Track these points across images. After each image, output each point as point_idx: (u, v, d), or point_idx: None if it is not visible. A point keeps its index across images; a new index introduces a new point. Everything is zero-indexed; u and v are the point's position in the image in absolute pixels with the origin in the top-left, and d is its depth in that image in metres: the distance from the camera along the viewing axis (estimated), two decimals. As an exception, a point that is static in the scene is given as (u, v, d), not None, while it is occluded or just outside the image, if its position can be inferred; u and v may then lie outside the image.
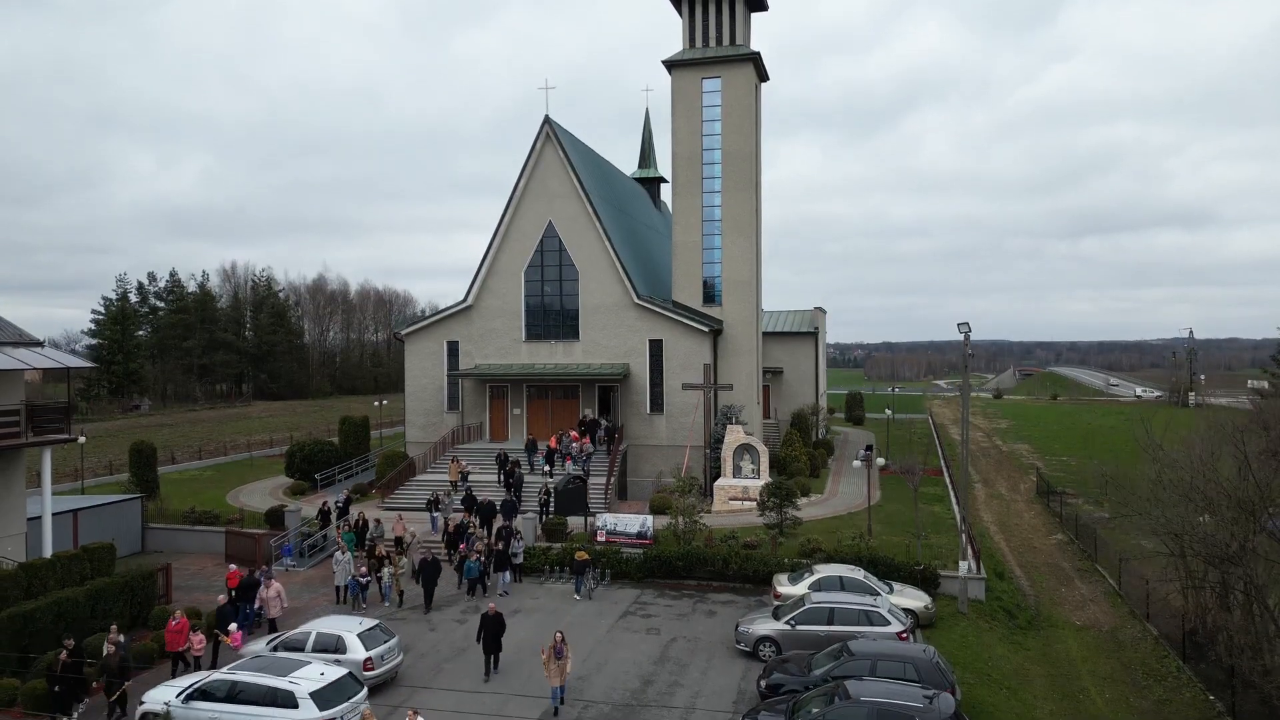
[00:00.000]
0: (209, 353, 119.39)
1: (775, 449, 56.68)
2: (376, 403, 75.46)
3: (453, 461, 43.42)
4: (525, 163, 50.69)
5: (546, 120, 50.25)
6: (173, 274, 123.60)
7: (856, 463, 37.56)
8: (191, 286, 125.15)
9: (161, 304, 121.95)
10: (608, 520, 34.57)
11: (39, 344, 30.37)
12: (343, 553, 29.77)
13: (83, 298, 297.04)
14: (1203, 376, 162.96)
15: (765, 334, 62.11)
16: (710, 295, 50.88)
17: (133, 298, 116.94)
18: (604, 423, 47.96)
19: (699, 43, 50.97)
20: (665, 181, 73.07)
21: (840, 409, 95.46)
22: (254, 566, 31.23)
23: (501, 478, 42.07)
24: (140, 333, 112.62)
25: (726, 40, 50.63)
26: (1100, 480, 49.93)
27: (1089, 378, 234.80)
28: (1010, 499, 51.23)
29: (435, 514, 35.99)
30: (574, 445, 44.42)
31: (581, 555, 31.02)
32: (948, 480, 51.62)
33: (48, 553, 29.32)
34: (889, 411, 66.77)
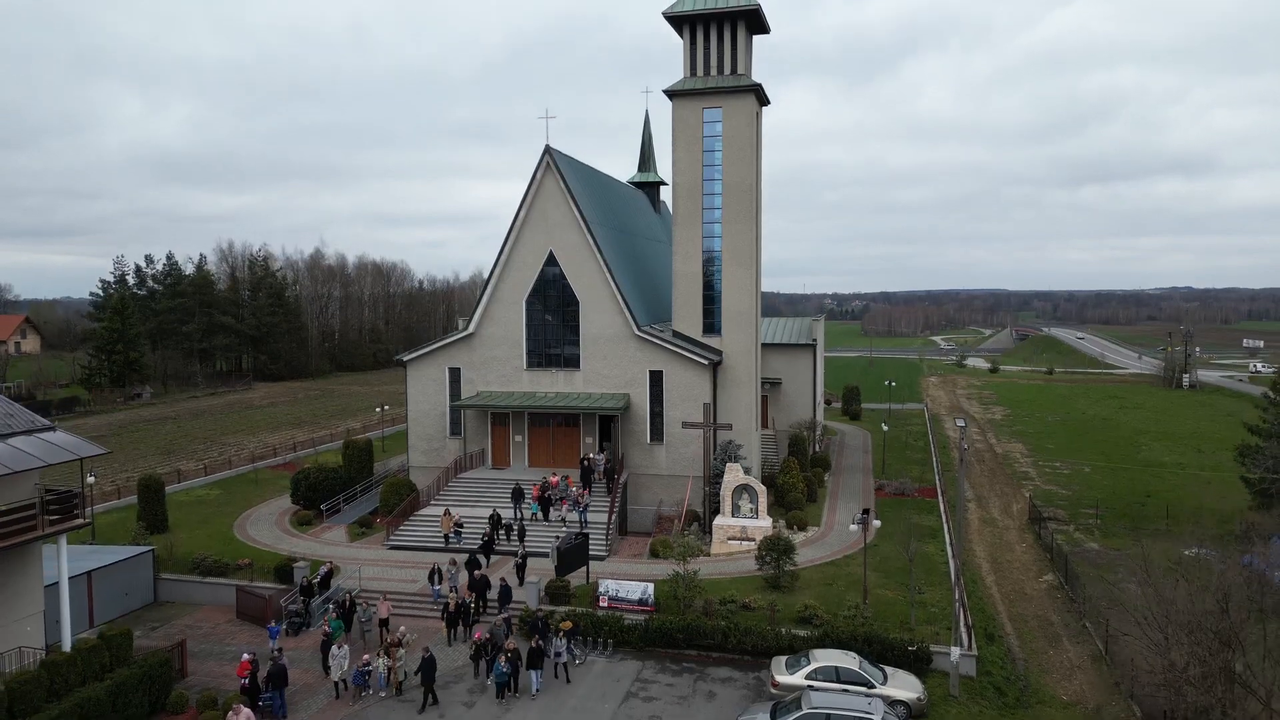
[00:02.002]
0: (208, 336, 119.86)
1: (774, 466, 57.61)
2: (378, 409, 76.09)
3: (445, 514, 43.95)
4: (526, 191, 50.70)
5: (547, 150, 50.12)
6: (169, 257, 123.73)
7: (853, 527, 38.23)
8: (189, 269, 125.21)
9: (159, 286, 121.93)
10: (610, 586, 35.43)
11: (51, 428, 30.85)
12: (339, 647, 29.49)
13: (75, 244, 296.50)
14: (1199, 350, 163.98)
15: (764, 345, 62.49)
16: (710, 325, 51.19)
17: (130, 279, 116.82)
18: (602, 462, 48.31)
19: (700, 69, 50.51)
20: (665, 184, 72.86)
21: (838, 395, 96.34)
22: (265, 650, 31.95)
23: (485, 537, 41.64)
24: (138, 318, 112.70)
25: (728, 67, 50.18)
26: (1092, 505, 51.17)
27: (1085, 344, 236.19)
28: (1003, 525, 52.18)
29: (437, 587, 36.20)
30: (571, 490, 45.19)
31: (566, 625, 32.22)
32: (942, 507, 52.49)
33: (66, 633, 30.17)
34: (885, 427, 67.54)
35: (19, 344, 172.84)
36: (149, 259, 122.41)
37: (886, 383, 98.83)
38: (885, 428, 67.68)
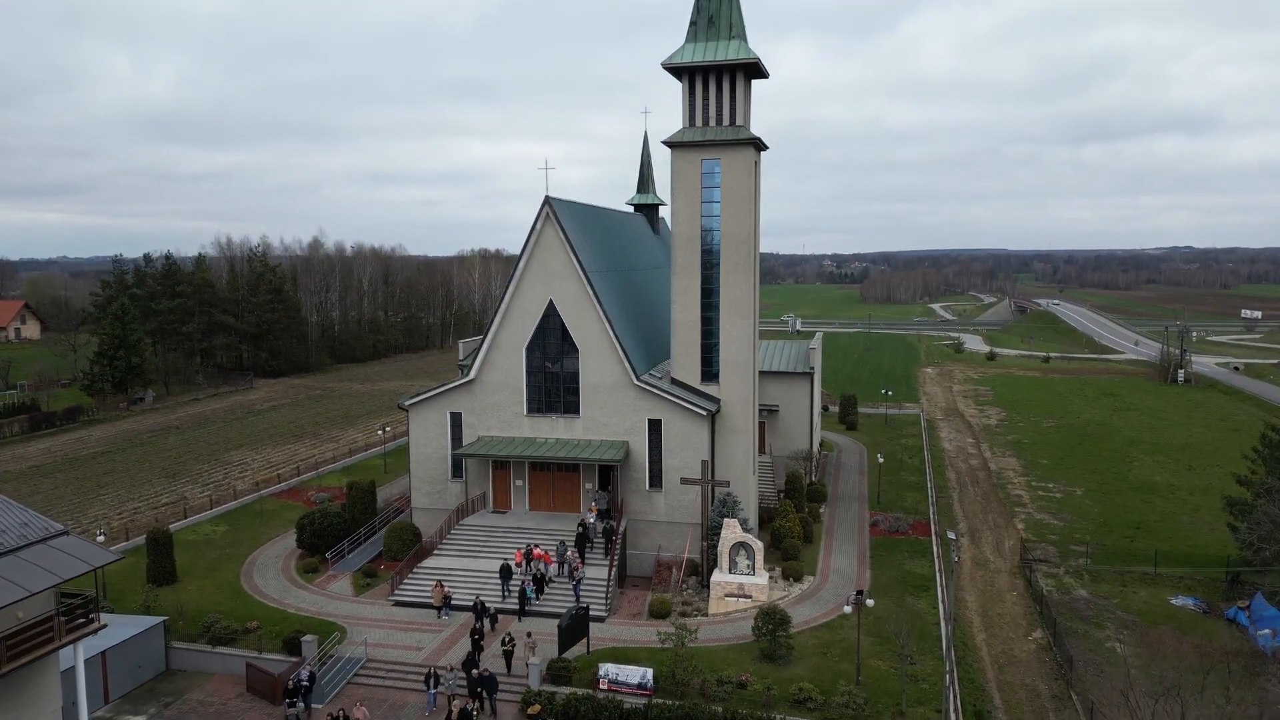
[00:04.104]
0: (208, 336, 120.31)
1: (771, 501, 58.55)
2: (379, 430, 76.88)
3: (437, 585, 44.62)
4: (526, 241, 51.03)
5: (547, 200, 50.34)
6: (168, 256, 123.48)
7: (847, 609, 39.16)
8: (187, 267, 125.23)
9: (159, 287, 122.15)
10: (609, 670, 36.44)
11: (64, 532, 31.56)
12: None
13: (68, 203, 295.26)
14: (1195, 334, 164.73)
15: (762, 373, 63.08)
16: (709, 373, 51.73)
17: (129, 279, 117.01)
18: (598, 526, 48.96)
19: (699, 119, 50.45)
20: (664, 204, 72.94)
21: (835, 398, 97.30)
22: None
23: (476, 632, 39.92)
24: (138, 319, 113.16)
25: (727, 117, 50.13)
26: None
27: (1083, 320, 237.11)
28: (995, 567, 53.19)
29: (434, 691, 36.06)
30: (569, 554, 46.08)
31: (534, 709, 33.68)
32: (935, 549, 53.49)
33: (84, 726, 31.20)
34: (881, 458, 68.42)
35: (19, 329, 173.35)
36: (148, 258, 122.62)
37: (884, 391, 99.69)
38: (881, 459, 68.49)
